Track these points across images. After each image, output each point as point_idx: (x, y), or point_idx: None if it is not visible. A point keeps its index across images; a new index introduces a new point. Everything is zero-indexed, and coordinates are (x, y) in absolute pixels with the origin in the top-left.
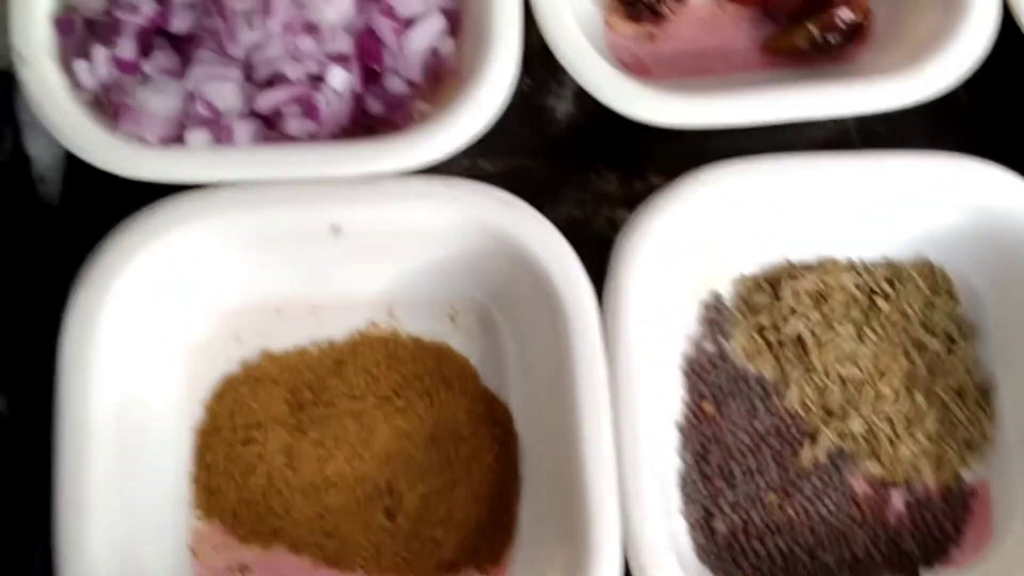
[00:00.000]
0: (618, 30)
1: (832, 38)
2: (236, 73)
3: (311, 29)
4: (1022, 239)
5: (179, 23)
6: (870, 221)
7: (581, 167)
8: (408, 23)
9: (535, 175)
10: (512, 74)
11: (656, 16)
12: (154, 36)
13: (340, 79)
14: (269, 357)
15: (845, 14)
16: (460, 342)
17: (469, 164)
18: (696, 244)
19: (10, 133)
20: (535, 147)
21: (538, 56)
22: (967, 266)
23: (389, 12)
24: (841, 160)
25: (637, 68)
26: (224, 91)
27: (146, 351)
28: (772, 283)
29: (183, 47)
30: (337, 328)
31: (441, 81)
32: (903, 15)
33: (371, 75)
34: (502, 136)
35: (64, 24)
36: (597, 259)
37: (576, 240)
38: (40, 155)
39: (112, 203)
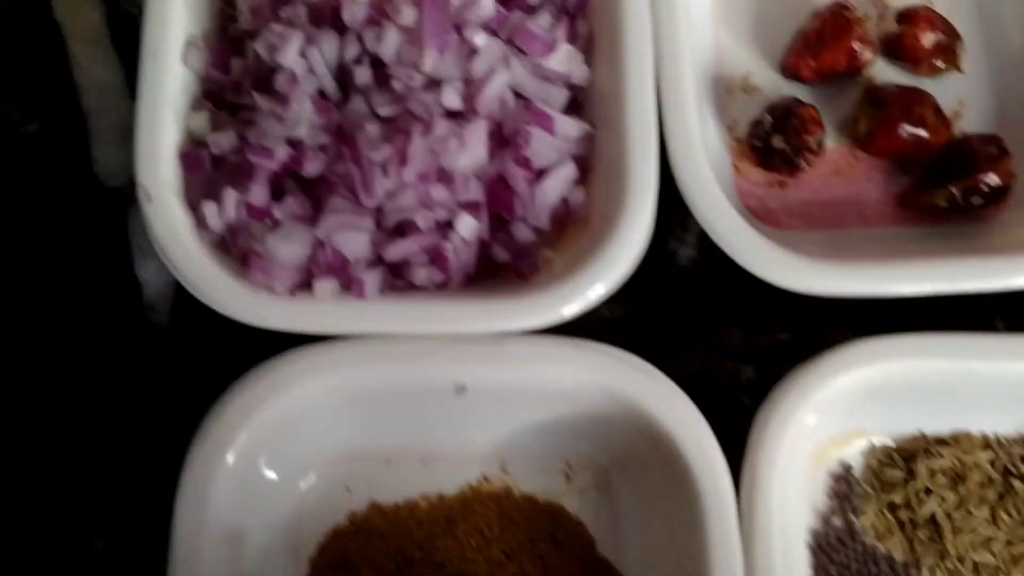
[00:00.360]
0: (748, 176)
1: (974, 200)
2: (368, 222)
3: (444, 177)
4: None
5: (312, 167)
6: (1006, 394)
7: (703, 316)
8: (541, 172)
9: (655, 323)
10: (648, 231)
11: (792, 168)
12: (285, 179)
13: (469, 227)
14: (377, 509)
15: (992, 179)
16: (575, 503)
17: None
18: (831, 418)
19: (123, 256)
20: (656, 292)
21: (663, 196)
22: None
23: (524, 162)
24: (984, 341)
25: (766, 216)
26: (356, 241)
27: (256, 497)
28: (905, 457)
29: (313, 189)
30: (448, 481)
31: (569, 228)
32: None
33: (499, 222)
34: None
35: (190, 159)
36: (718, 413)
37: (696, 394)
38: (151, 280)
39: (224, 335)
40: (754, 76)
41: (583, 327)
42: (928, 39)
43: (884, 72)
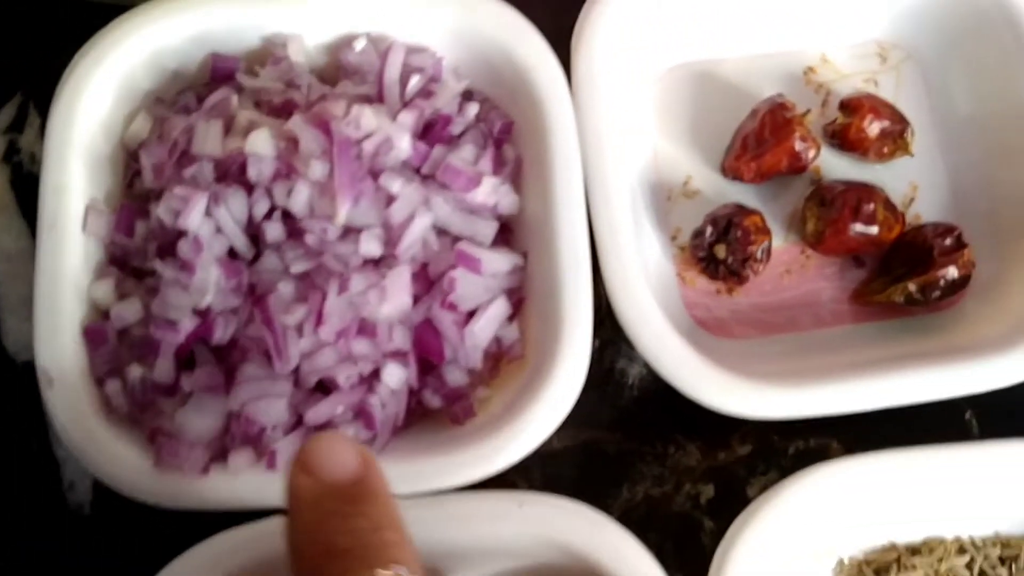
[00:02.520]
0: (694, 284)
1: (932, 295)
2: (285, 387)
3: (366, 329)
4: None
5: (222, 334)
6: (979, 499)
7: (658, 437)
8: (471, 312)
9: (608, 449)
10: (584, 365)
11: (738, 278)
12: (194, 346)
13: (396, 377)
14: None
15: (950, 273)
16: None
17: None
18: (797, 541)
19: (39, 432)
20: (606, 416)
21: (608, 316)
22: None
23: (451, 306)
24: (953, 451)
25: (715, 326)
26: (272, 409)
27: None
28: (877, 571)
29: (226, 355)
30: None
31: (503, 366)
32: (1008, 266)
33: (429, 366)
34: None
35: (94, 334)
36: (679, 541)
37: (656, 521)
38: (70, 458)
39: (151, 515)
40: (695, 180)
41: (529, 460)
42: (873, 128)
43: (832, 162)
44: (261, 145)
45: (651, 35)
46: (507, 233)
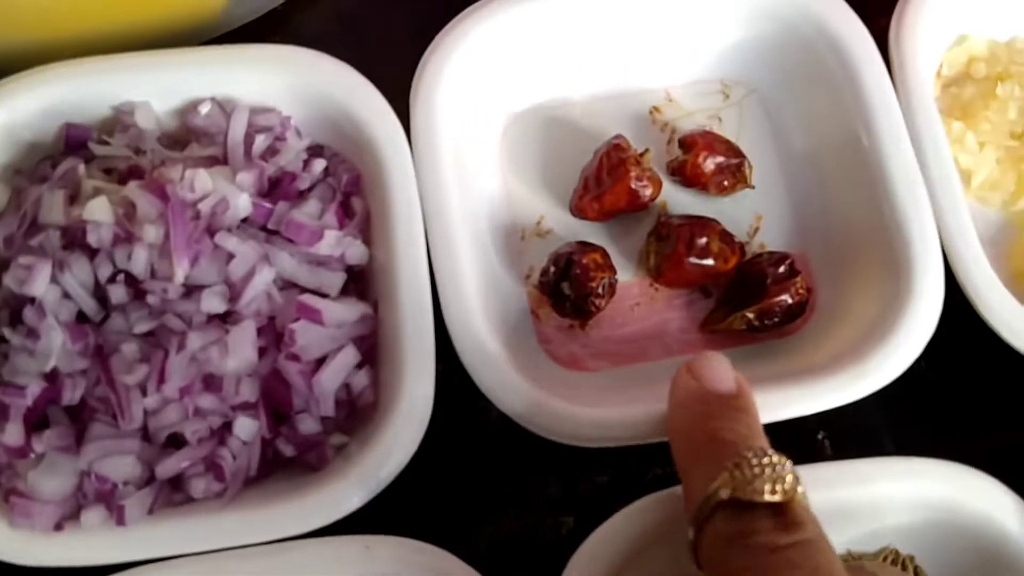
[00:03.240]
0: (548, 321)
1: (771, 321)
2: (133, 444)
3: (211, 383)
4: (993, 538)
5: (71, 395)
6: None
7: (519, 469)
8: (318, 362)
9: (467, 486)
10: (428, 407)
11: (583, 314)
12: (47, 406)
13: (246, 429)
14: None
15: (784, 300)
16: None
17: None
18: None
19: None
20: (466, 454)
21: None
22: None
23: (295, 357)
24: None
25: (569, 360)
26: (121, 465)
27: None
28: None
29: (78, 415)
30: None
31: (356, 412)
32: (847, 292)
33: (282, 416)
34: (429, 443)
35: None
36: (547, 571)
37: (523, 554)
38: None
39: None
40: (547, 219)
41: (386, 502)
42: (709, 164)
43: (677, 197)
44: (99, 212)
45: (495, 80)
46: (360, 282)
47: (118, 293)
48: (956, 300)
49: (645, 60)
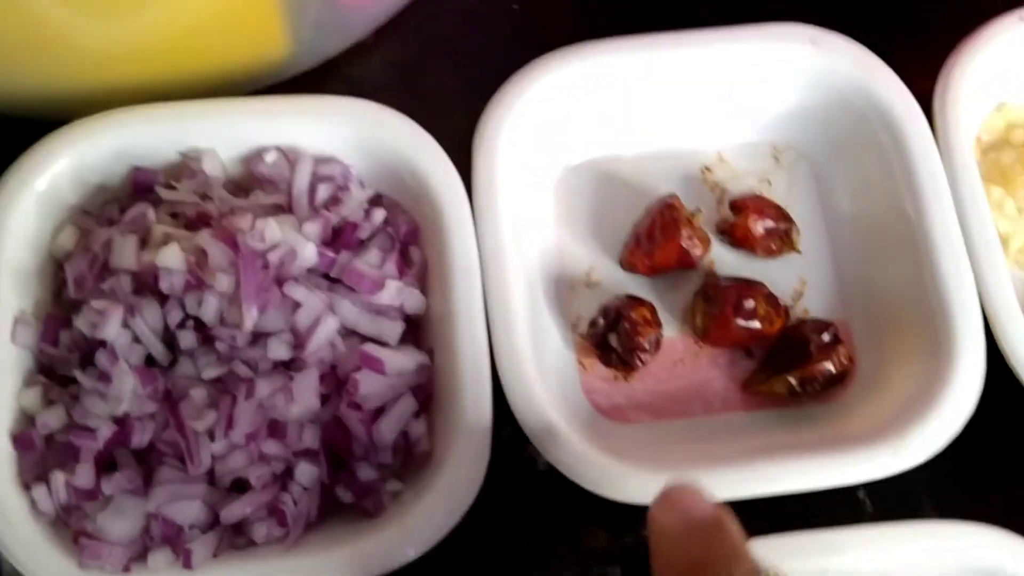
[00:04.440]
0: (593, 371)
1: (812, 388)
2: (200, 489)
3: (275, 430)
4: None
5: (140, 439)
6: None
7: (565, 520)
8: (377, 412)
9: (514, 534)
10: (485, 458)
11: (628, 367)
12: (116, 449)
13: (307, 475)
14: None
15: (826, 368)
16: None
17: None
18: None
19: None
20: (514, 501)
21: None
22: None
23: (356, 405)
24: (850, 534)
25: (612, 411)
26: (188, 509)
27: None
28: None
29: (146, 457)
30: None
31: (412, 459)
32: (888, 361)
33: (340, 462)
34: (481, 498)
35: (22, 440)
36: None
37: None
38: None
39: None
40: (596, 271)
41: (438, 551)
42: (759, 228)
43: (724, 256)
44: (172, 260)
45: (552, 134)
46: (416, 331)
47: (187, 339)
48: (998, 364)
49: (698, 120)
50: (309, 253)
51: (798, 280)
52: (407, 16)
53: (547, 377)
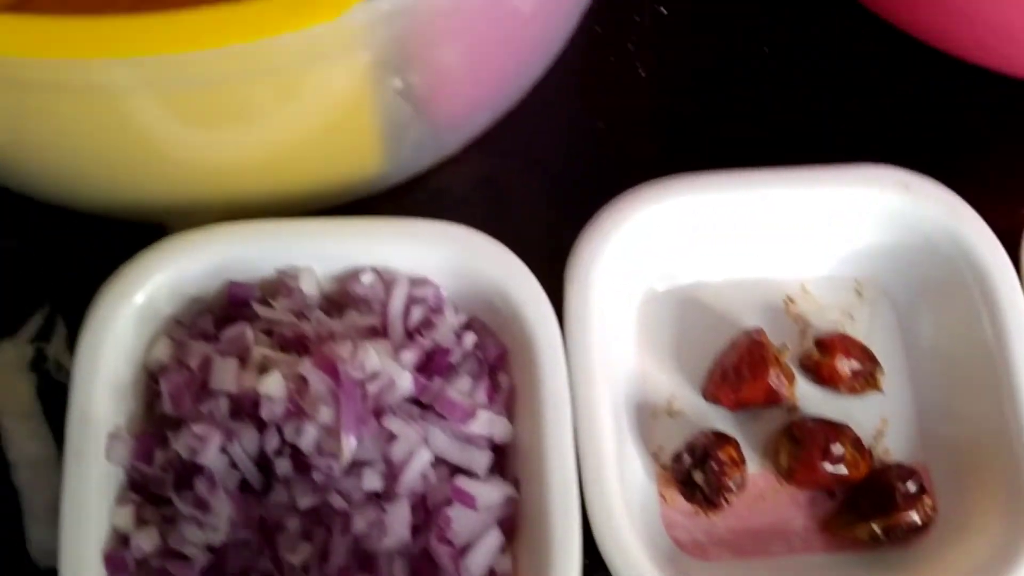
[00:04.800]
0: (674, 504)
1: (895, 535)
2: None
3: (366, 562)
4: None
5: (233, 567)
6: None
7: None
8: (466, 546)
9: None
10: None
11: (712, 505)
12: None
13: None
14: None
15: (911, 518)
16: None
17: None
18: None
19: None
20: None
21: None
22: None
23: (447, 541)
24: None
25: (693, 548)
26: None
27: None
28: None
29: None
30: None
31: None
32: (969, 507)
33: None
34: None
35: (115, 562)
36: None
37: None
38: None
39: None
40: (678, 400)
41: None
42: (845, 368)
43: (807, 391)
44: (273, 388)
45: (641, 261)
46: (501, 458)
47: (284, 466)
48: None
49: (782, 251)
50: (406, 383)
51: (879, 419)
52: (494, 131)
53: (631, 510)
